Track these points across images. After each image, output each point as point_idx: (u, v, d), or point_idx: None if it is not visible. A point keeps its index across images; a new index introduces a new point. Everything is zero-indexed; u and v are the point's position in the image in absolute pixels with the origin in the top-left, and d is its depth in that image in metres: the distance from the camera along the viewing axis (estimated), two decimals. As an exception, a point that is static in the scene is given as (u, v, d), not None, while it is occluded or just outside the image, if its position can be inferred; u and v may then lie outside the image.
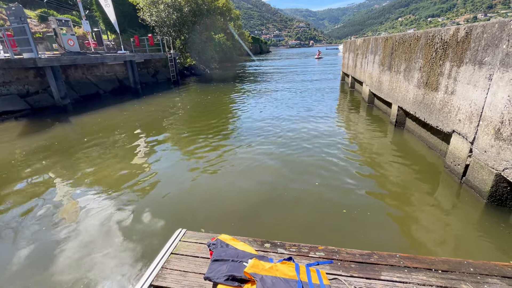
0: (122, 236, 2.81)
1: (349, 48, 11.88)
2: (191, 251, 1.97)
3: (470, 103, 3.32)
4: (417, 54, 4.80)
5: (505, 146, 2.72)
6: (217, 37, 24.37)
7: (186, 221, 3.06)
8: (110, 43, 17.25)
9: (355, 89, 11.28)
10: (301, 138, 5.63)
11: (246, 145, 5.35)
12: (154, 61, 16.98)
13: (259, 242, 2.04)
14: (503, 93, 2.76)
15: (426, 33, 4.46)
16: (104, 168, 4.54)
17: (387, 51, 6.46)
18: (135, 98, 11.39)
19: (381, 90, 6.89)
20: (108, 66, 13.15)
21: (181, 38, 19.47)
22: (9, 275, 2.38)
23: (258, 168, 4.34)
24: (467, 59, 3.38)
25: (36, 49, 8.31)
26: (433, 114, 4.23)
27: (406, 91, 5.25)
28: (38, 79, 9.73)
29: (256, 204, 3.34)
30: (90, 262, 2.48)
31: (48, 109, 9.28)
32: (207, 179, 4.03)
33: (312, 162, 4.49)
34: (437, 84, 4.12)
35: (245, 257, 1.73)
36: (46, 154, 5.25)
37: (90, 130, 6.86)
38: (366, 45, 8.61)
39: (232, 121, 7.43)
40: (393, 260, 1.85)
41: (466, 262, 1.82)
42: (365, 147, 5.09)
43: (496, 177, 2.86)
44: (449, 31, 3.78)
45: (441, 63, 3.99)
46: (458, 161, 3.57)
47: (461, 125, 3.51)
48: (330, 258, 1.88)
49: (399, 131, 5.75)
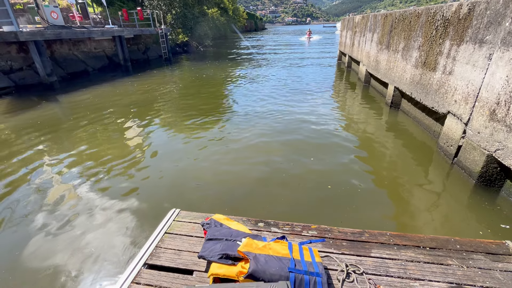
0: (115, 217, 2.81)
1: (347, 26, 11.50)
2: (185, 230, 1.98)
3: (468, 83, 3.28)
4: (416, 32, 4.65)
5: (499, 127, 2.73)
6: (210, 12, 23.24)
7: (180, 201, 3.06)
8: (97, 16, 16.27)
9: (351, 69, 11.08)
10: (295, 119, 5.58)
11: (240, 125, 5.28)
12: (145, 37, 16.22)
13: (253, 222, 2.05)
14: (502, 73, 2.71)
15: (428, 10, 4.30)
16: (94, 148, 4.45)
17: (386, 29, 6.26)
18: (125, 76, 11.00)
19: (378, 70, 6.77)
20: (95, 42, 12.51)
21: (172, 13, 18.48)
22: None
23: (252, 147, 4.31)
24: (468, 37, 3.29)
25: (16, 22, 7.79)
26: (429, 94, 4.19)
27: (403, 71, 5.16)
28: (22, 54, 9.22)
29: (250, 183, 3.35)
30: (83, 243, 2.48)
31: (34, 87, 8.90)
32: (201, 159, 4.00)
33: (306, 142, 4.47)
34: (435, 64, 4.04)
35: (239, 236, 1.75)
36: (33, 134, 5.10)
37: (79, 108, 6.64)
38: (365, 23, 8.33)
39: (226, 100, 7.28)
40: (383, 238, 1.89)
41: (453, 240, 1.87)
42: (360, 128, 5.08)
43: (488, 158, 2.89)
44: (452, 8, 3.64)
45: (441, 42, 3.89)
46: (451, 142, 3.59)
47: (456, 106, 3.50)
48: (322, 236, 1.91)
49: (394, 112, 5.73)
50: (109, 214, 2.86)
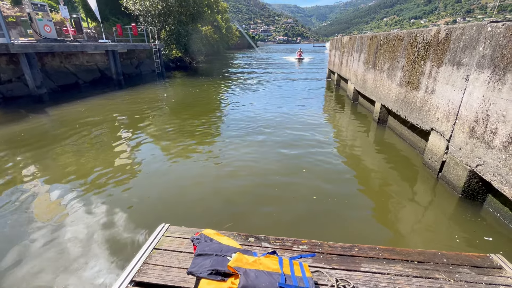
0: (101, 233, 2.72)
1: (336, 46, 12.03)
2: (175, 246, 1.94)
3: (448, 102, 3.46)
4: (400, 53, 4.93)
5: (478, 144, 2.87)
6: (204, 29, 23.87)
7: (170, 216, 3.01)
8: (91, 31, 16.44)
9: (340, 87, 11.47)
10: (286, 134, 5.67)
11: (231, 140, 5.31)
12: (138, 52, 16.40)
13: (243, 236, 2.04)
14: (478, 93, 2.89)
15: (409, 33, 4.58)
16: (81, 162, 4.36)
17: (372, 50, 6.59)
18: (117, 90, 10.98)
19: (366, 88, 7.04)
20: (88, 55, 12.55)
21: (167, 29, 18.88)
22: (-23, 273, 2.25)
23: (243, 162, 4.33)
24: (447, 59, 3.51)
25: (8, 34, 7.77)
26: (414, 112, 4.38)
27: (389, 89, 5.40)
28: (12, 66, 9.12)
29: (241, 198, 3.34)
30: (68, 260, 2.39)
31: (22, 99, 8.75)
32: (191, 174, 3.98)
33: (296, 156, 4.53)
34: (418, 83, 4.26)
35: (229, 251, 1.73)
36: (18, 147, 4.96)
37: (67, 121, 6.54)
38: (352, 43, 8.75)
39: (218, 116, 7.34)
40: (372, 252, 1.91)
41: (440, 253, 1.91)
42: (349, 143, 5.21)
43: (470, 173, 3.01)
44: (431, 32, 3.91)
45: (423, 63, 4.13)
46: (435, 157, 3.73)
47: (439, 123, 3.66)
48: (313, 251, 1.91)
49: (382, 128, 5.92)
50: (95, 230, 2.77)
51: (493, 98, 2.69)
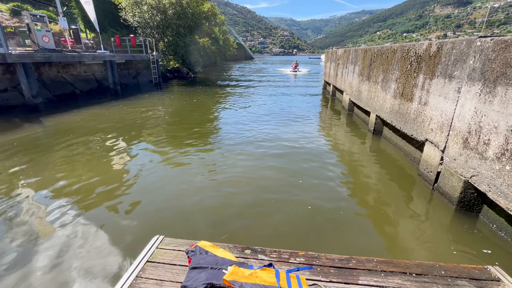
0: (93, 245, 2.65)
1: (331, 58, 12.28)
2: (169, 258, 1.90)
3: (441, 113, 3.53)
4: (393, 66, 5.05)
5: (472, 155, 2.91)
6: (202, 41, 24.27)
7: (164, 227, 2.95)
8: (89, 41, 16.59)
9: (336, 97, 11.63)
10: (282, 145, 5.68)
11: (227, 151, 5.30)
12: (136, 62, 16.54)
13: (239, 249, 2.00)
14: (470, 105, 2.96)
15: (402, 47, 4.71)
16: (74, 171, 4.29)
17: (366, 62, 6.74)
18: (113, 99, 10.98)
19: (361, 99, 7.15)
20: (86, 66, 12.61)
21: (165, 41, 19.15)
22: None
23: (239, 173, 4.31)
24: (439, 72, 3.60)
25: (6, 44, 7.80)
26: (408, 123, 4.44)
27: (384, 100, 5.49)
28: (8, 76, 9.11)
29: (237, 209, 3.30)
30: (58, 274, 2.31)
31: (17, 108, 8.69)
32: (187, 184, 3.93)
33: (292, 167, 4.53)
34: (411, 95, 4.35)
35: (225, 264, 1.69)
36: (11, 157, 4.89)
37: (62, 131, 6.49)
38: (347, 56, 8.95)
39: (214, 127, 7.36)
40: (370, 264, 1.89)
41: (438, 266, 1.89)
42: (345, 154, 5.23)
43: (465, 184, 3.03)
44: (423, 46, 4.02)
45: (415, 75, 4.22)
46: (430, 168, 3.76)
47: (433, 134, 3.71)
48: (310, 263, 1.88)
49: (377, 139, 5.97)
50: (87, 242, 2.70)
51: (485, 110, 2.75)
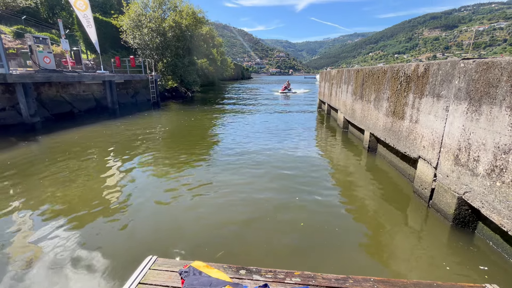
0: (85, 267, 2.58)
1: (325, 78, 12.67)
2: (161, 280, 1.85)
3: (432, 131, 3.62)
4: (384, 85, 5.23)
5: (464, 171, 2.96)
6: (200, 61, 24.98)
7: (158, 247, 2.89)
8: (90, 62, 16.99)
9: (331, 116, 11.86)
10: (277, 164, 5.71)
11: (223, 171, 5.30)
12: (134, 82, 16.86)
13: (234, 269, 1.97)
14: (459, 123, 3.05)
15: (392, 68, 4.92)
16: (67, 190, 4.24)
17: (358, 82, 6.98)
18: (111, 118, 11.07)
19: (355, 118, 7.31)
20: (85, 85, 12.82)
21: (164, 61, 19.68)
22: None
23: (234, 191, 4.29)
24: (427, 91, 3.75)
25: (7, 65, 7.96)
26: (401, 140, 4.53)
27: (377, 119, 5.63)
28: (7, 95, 9.20)
29: (233, 227, 3.26)
30: (45, 296, 2.22)
31: (14, 127, 8.69)
32: (181, 204, 3.90)
33: (288, 185, 4.53)
34: (403, 113, 4.48)
35: (219, 285, 1.66)
36: (5, 175, 4.83)
37: (58, 149, 6.47)
38: (340, 76, 9.26)
39: (211, 146, 7.40)
40: (367, 284, 1.86)
41: (436, 284, 1.87)
42: (340, 171, 5.26)
43: (458, 200, 3.06)
44: (411, 67, 4.21)
45: (406, 95, 4.38)
46: (424, 185, 3.79)
47: (425, 151, 3.79)
48: (306, 284, 1.85)
49: (372, 156, 6.04)
50: (77, 262, 2.62)
51: (473, 127, 2.84)
